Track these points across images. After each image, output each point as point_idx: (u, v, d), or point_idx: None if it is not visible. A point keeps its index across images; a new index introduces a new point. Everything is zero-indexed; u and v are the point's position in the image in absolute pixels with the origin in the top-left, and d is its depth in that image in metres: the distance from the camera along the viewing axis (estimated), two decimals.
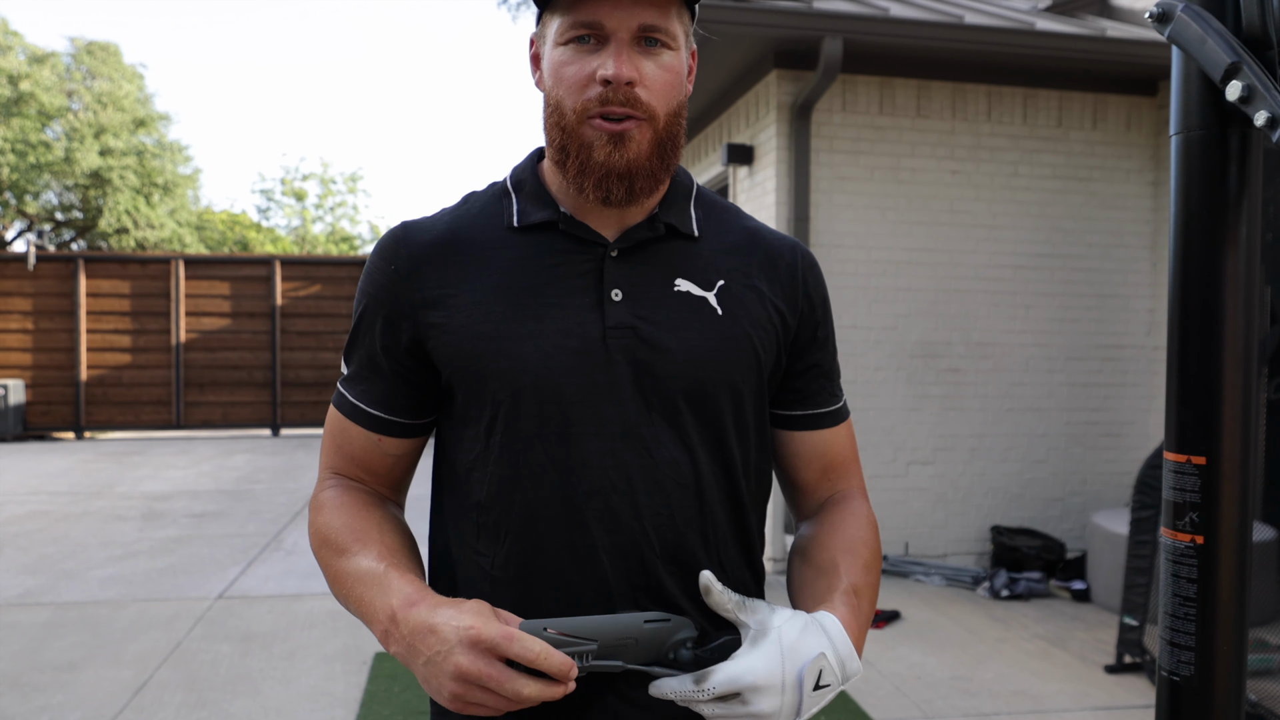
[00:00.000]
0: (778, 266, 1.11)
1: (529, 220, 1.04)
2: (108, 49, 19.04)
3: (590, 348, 1.00)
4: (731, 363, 1.03)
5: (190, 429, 12.06)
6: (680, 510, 1.01)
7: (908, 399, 5.45)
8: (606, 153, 0.97)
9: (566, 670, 0.85)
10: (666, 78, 0.99)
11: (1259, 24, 0.80)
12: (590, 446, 0.99)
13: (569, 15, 0.96)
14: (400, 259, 1.04)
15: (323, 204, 28.08)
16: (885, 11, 5.03)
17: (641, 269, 1.04)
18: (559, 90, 0.99)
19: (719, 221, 1.11)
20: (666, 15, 0.97)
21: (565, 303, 1.01)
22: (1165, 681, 0.88)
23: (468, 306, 1.01)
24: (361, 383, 1.07)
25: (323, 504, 1.06)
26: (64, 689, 3.67)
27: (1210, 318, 0.84)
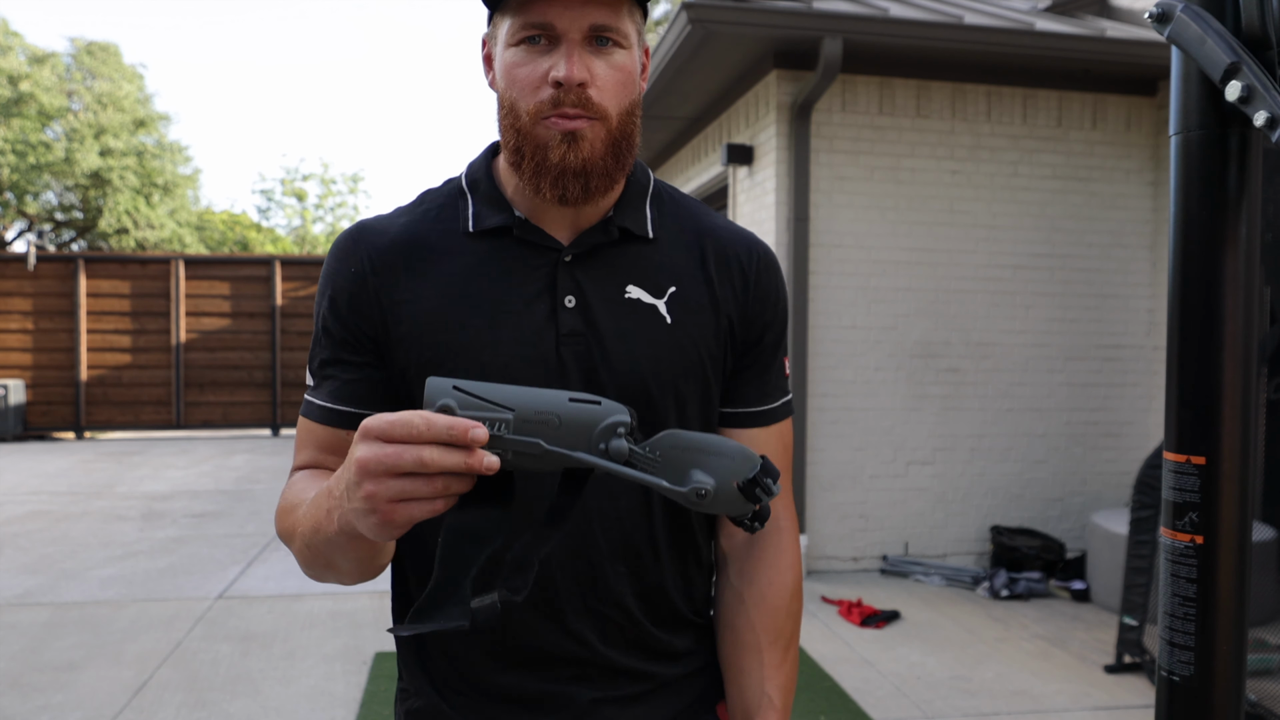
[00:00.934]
0: (730, 266, 1.10)
1: (484, 225, 1.04)
2: (108, 49, 19.05)
3: (544, 356, 1.01)
4: (677, 371, 1.04)
5: (190, 429, 12.06)
6: (627, 513, 1.03)
7: (908, 399, 5.45)
8: (561, 153, 0.97)
9: (464, 433, 0.72)
10: (619, 77, 0.98)
11: (1259, 24, 0.80)
12: None
13: (520, 16, 0.96)
14: (359, 261, 1.04)
15: (323, 204, 28.09)
16: (885, 11, 5.03)
17: (594, 274, 1.04)
18: (512, 92, 0.99)
19: (675, 220, 1.11)
20: (618, 14, 0.97)
21: (520, 310, 1.02)
22: (1165, 681, 0.88)
23: (425, 312, 1.02)
24: (329, 383, 1.05)
25: (285, 490, 1.04)
26: (64, 689, 3.67)
27: (1210, 318, 0.84)
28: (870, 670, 3.92)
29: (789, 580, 1.11)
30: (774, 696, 1.07)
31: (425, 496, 0.74)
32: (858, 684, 3.77)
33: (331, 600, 4.88)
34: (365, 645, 4.19)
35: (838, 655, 4.08)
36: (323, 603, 4.84)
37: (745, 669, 1.09)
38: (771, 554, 1.12)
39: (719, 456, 0.80)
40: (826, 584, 5.14)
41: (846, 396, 5.38)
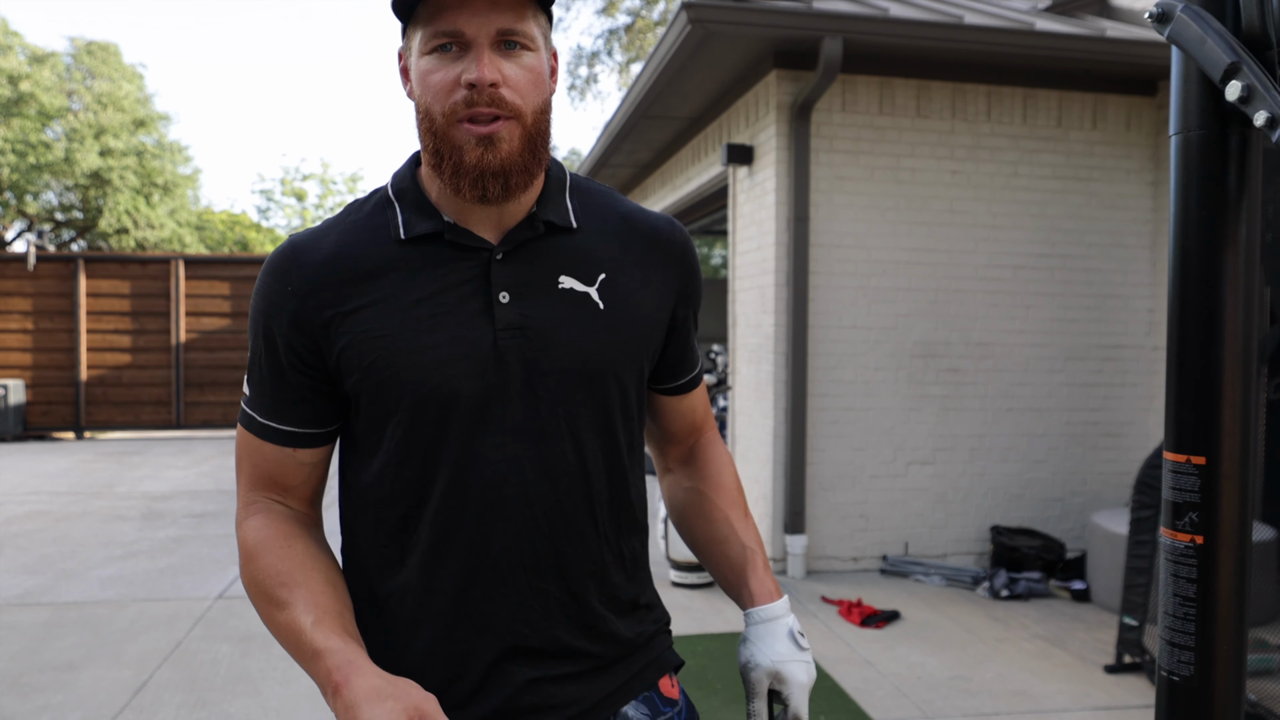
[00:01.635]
0: (656, 248, 1.17)
1: (415, 232, 1.08)
2: (108, 49, 19.04)
3: (482, 352, 1.06)
4: (614, 355, 1.11)
5: (190, 429, 12.06)
6: (568, 495, 1.09)
7: (908, 399, 5.44)
8: (478, 155, 1.02)
9: None
10: (528, 77, 1.03)
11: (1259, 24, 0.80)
12: (485, 443, 1.07)
13: (430, 26, 1.01)
14: (294, 279, 1.08)
15: (323, 204, 28.08)
16: (885, 11, 5.03)
17: (526, 269, 1.09)
18: (427, 98, 1.03)
19: (596, 209, 1.16)
20: (523, 18, 1.02)
21: (456, 310, 1.06)
22: (1165, 681, 0.88)
23: (364, 321, 1.06)
24: (268, 400, 1.11)
25: (249, 548, 1.09)
26: (64, 689, 3.67)
27: (1210, 318, 0.85)
28: (870, 670, 3.92)
29: (732, 470, 1.31)
30: (751, 545, 1.24)
31: None
32: (858, 684, 3.77)
33: None
34: None
35: (838, 655, 4.08)
36: None
37: (724, 538, 1.25)
38: (712, 454, 1.31)
39: None
40: (826, 584, 5.14)
41: (846, 396, 5.38)
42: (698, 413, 1.32)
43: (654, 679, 1.19)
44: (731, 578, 1.23)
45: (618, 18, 20.66)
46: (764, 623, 1.17)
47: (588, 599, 1.12)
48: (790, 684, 1.13)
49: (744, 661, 1.17)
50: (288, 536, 1.10)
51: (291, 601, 1.03)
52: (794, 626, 1.18)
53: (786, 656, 1.14)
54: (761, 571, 1.21)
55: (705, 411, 1.33)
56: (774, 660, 1.14)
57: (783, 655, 1.14)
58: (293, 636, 1.01)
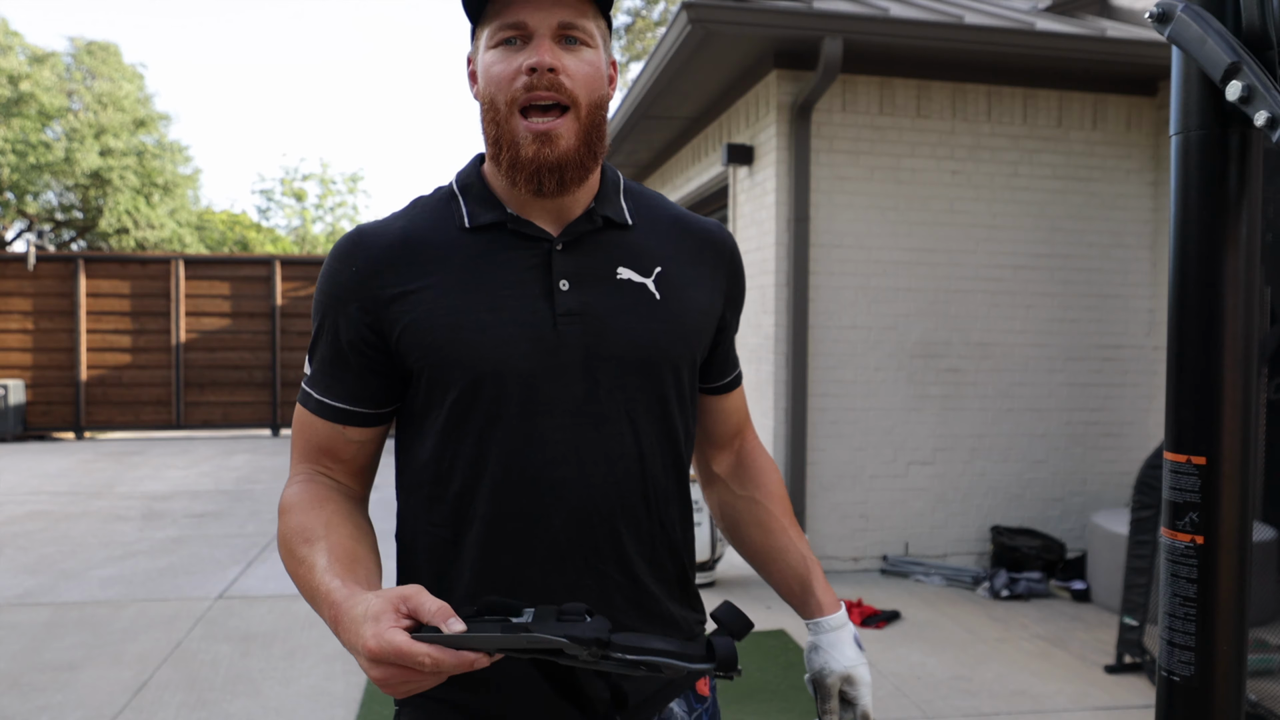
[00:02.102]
0: (708, 250, 1.23)
1: (479, 221, 1.13)
2: (108, 49, 19.04)
3: (543, 334, 1.09)
4: (670, 343, 1.15)
5: (190, 429, 12.06)
6: (625, 477, 1.13)
7: (908, 399, 5.44)
8: (534, 150, 1.06)
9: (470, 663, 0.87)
10: (587, 70, 1.08)
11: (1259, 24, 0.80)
12: (544, 423, 1.10)
13: (496, 20, 1.08)
14: (359, 260, 1.12)
15: (323, 204, 28.08)
16: (885, 11, 5.03)
17: (585, 260, 1.13)
18: (490, 88, 1.09)
19: (649, 210, 1.22)
20: (583, 14, 1.08)
21: (518, 294, 1.10)
22: (1165, 681, 0.88)
23: (428, 301, 1.09)
24: (326, 379, 1.14)
25: (285, 506, 1.12)
26: (64, 689, 3.67)
27: (1210, 318, 0.84)
28: (870, 670, 3.92)
29: (779, 478, 1.36)
30: (809, 555, 1.31)
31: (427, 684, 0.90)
32: None
33: None
34: None
35: None
36: None
37: (784, 548, 1.30)
38: (760, 463, 1.35)
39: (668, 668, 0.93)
40: None
41: (847, 396, 5.38)
42: (740, 414, 1.36)
43: (695, 675, 1.22)
44: (795, 588, 1.29)
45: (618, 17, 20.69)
46: (832, 631, 1.25)
47: (643, 579, 1.15)
48: (859, 685, 1.22)
49: (818, 668, 1.23)
50: (321, 499, 1.12)
51: (311, 555, 1.04)
52: (855, 632, 1.26)
53: (855, 660, 1.23)
54: (823, 583, 1.28)
55: (745, 415, 1.37)
56: (845, 665, 1.22)
57: (852, 660, 1.23)
58: (307, 585, 1.03)
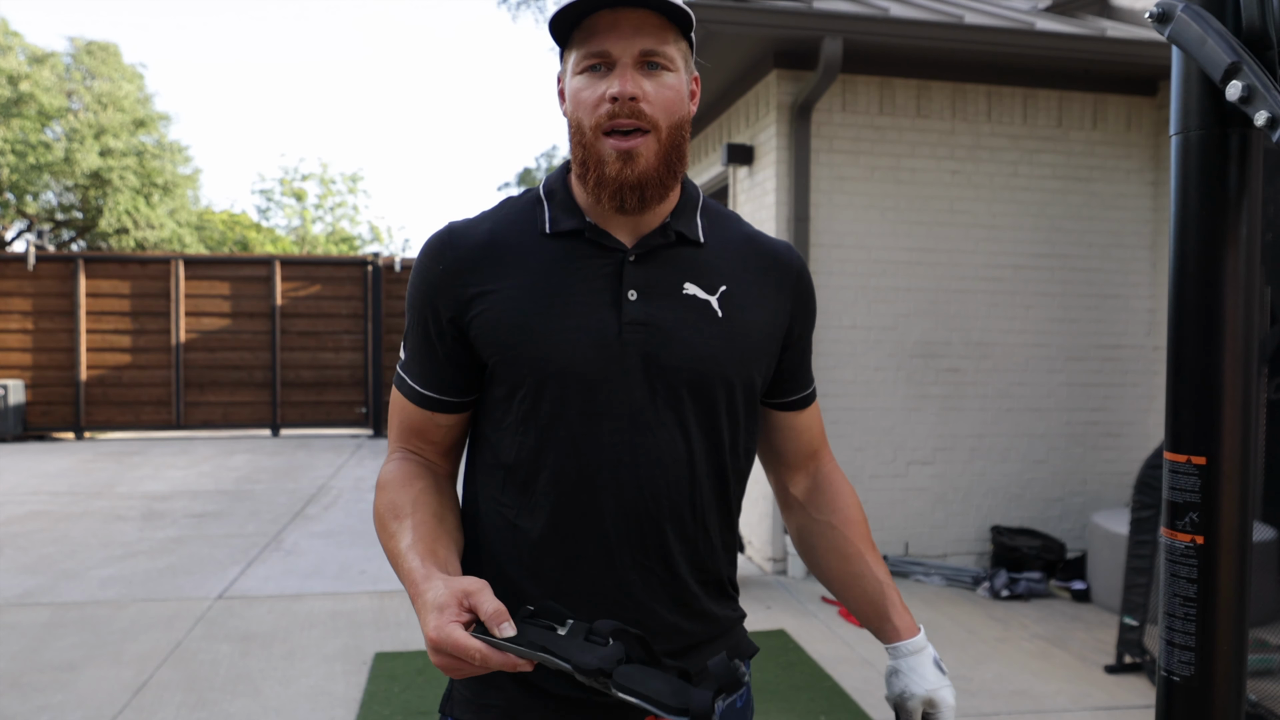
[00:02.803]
0: (775, 271, 1.27)
1: (559, 228, 1.20)
2: (108, 49, 19.03)
3: (607, 341, 1.16)
4: (727, 359, 1.20)
5: (190, 429, 12.05)
6: (674, 482, 1.18)
7: (908, 399, 5.44)
8: (618, 169, 1.13)
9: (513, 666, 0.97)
10: (668, 94, 1.15)
11: (1259, 24, 0.80)
12: (603, 426, 1.17)
13: (582, 48, 1.14)
14: (447, 259, 1.20)
15: (322, 204, 28.08)
16: (885, 11, 5.03)
17: (655, 273, 1.19)
18: (578, 112, 1.16)
19: (722, 229, 1.27)
20: (664, 41, 1.14)
21: (588, 301, 1.17)
22: (1165, 681, 0.88)
23: (505, 301, 1.17)
24: (416, 367, 1.24)
25: (382, 482, 1.23)
26: (64, 689, 3.67)
27: (1210, 318, 0.84)
28: (870, 670, 3.92)
29: (857, 502, 1.37)
30: (886, 579, 1.31)
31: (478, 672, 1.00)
32: (858, 684, 3.77)
33: (331, 600, 4.88)
34: (365, 645, 4.19)
35: (838, 655, 4.08)
36: (323, 603, 4.84)
37: (860, 574, 1.31)
38: (838, 487, 1.37)
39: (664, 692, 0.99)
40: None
41: (846, 396, 5.38)
42: (813, 433, 1.38)
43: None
44: (871, 613, 1.31)
45: None
46: (912, 655, 1.26)
47: (685, 579, 1.21)
48: (942, 708, 1.24)
49: (899, 692, 1.26)
50: (412, 477, 1.22)
51: (399, 530, 1.14)
52: (935, 655, 1.28)
53: (937, 684, 1.24)
54: (901, 607, 1.29)
55: (820, 434, 1.40)
56: (928, 689, 1.24)
57: (934, 683, 1.24)
58: (394, 556, 1.12)
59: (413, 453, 1.27)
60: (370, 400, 12.22)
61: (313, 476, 8.90)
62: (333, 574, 5.38)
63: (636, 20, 1.12)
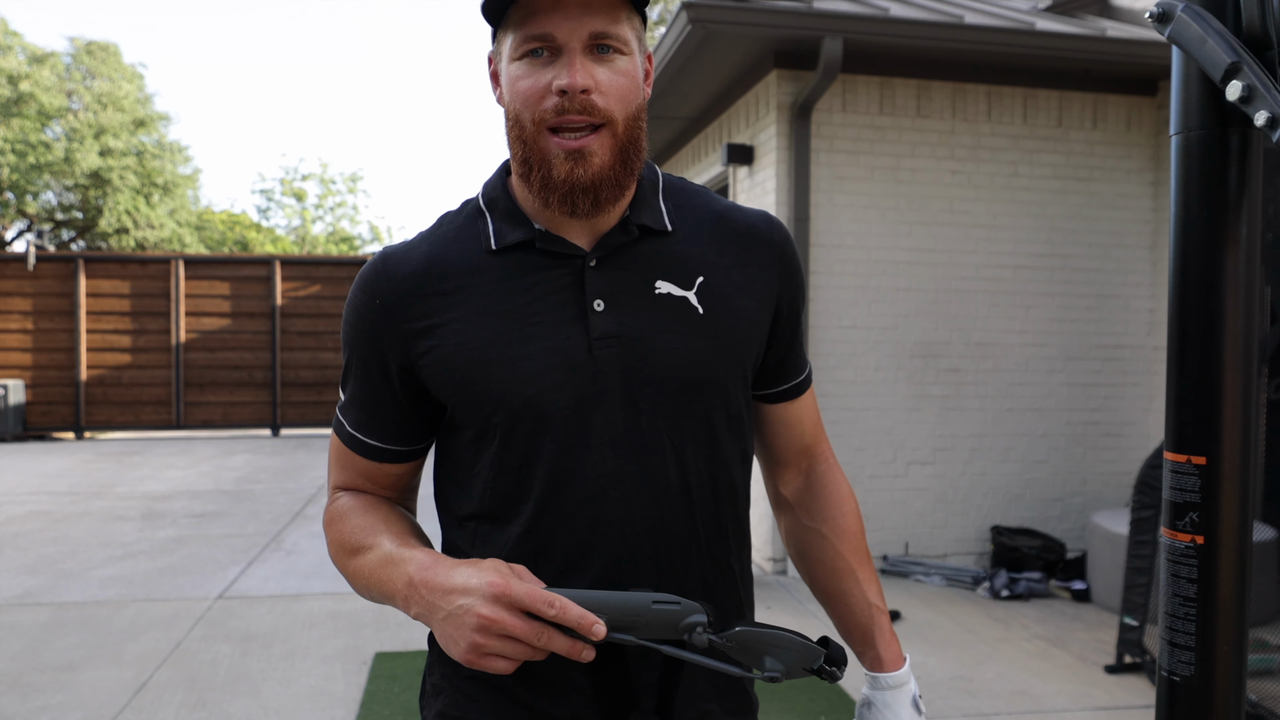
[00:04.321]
0: (754, 245, 1.13)
1: (506, 241, 1.06)
2: (107, 49, 19.04)
3: (577, 362, 1.03)
4: (717, 361, 1.07)
5: (190, 429, 12.06)
6: (669, 510, 1.05)
7: (908, 399, 5.44)
8: (567, 169, 0.99)
9: (590, 626, 0.90)
10: (622, 82, 1.00)
11: (1259, 24, 0.80)
12: (582, 457, 1.03)
13: (521, 30, 0.98)
14: (383, 293, 1.06)
15: (323, 204, 28.09)
16: (885, 11, 5.03)
17: (621, 275, 1.05)
18: (517, 104, 1.01)
19: (689, 209, 1.12)
20: (616, 21, 0.99)
21: (549, 319, 1.03)
22: (1165, 681, 0.88)
23: (455, 334, 1.04)
24: (357, 412, 1.11)
25: (333, 517, 1.11)
26: (64, 689, 3.67)
27: (1210, 318, 0.84)
28: None
29: (854, 507, 1.23)
30: (877, 602, 1.18)
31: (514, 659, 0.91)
32: (858, 684, 3.77)
33: (331, 600, 4.88)
34: (365, 645, 4.19)
35: None
36: (323, 603, 4.84)
37: (848, 590, 1.19)
38: (832, 490, 1.22)
39: (788, 650, 0.96)
40: None
41: (847, 397, 5.38)
42: (805, 426, 1.23)
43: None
44: (857, 635, 1.18)
45: None
46: (892, 690, 1.14)
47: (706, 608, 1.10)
48: None
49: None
50: (373, 505, 1.11)
51: (374, 543, 1.04)
52: (915, 692, 1.15)
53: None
54: (889, 635, 1.17)
55: (815, 427, 1.25)
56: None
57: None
58: (372, 564, 1.02)
59: (361, 491, 1.14)
60: None
61: (313, 476, 8.90)
62: (333, 574, 5.38)
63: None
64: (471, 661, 0.92)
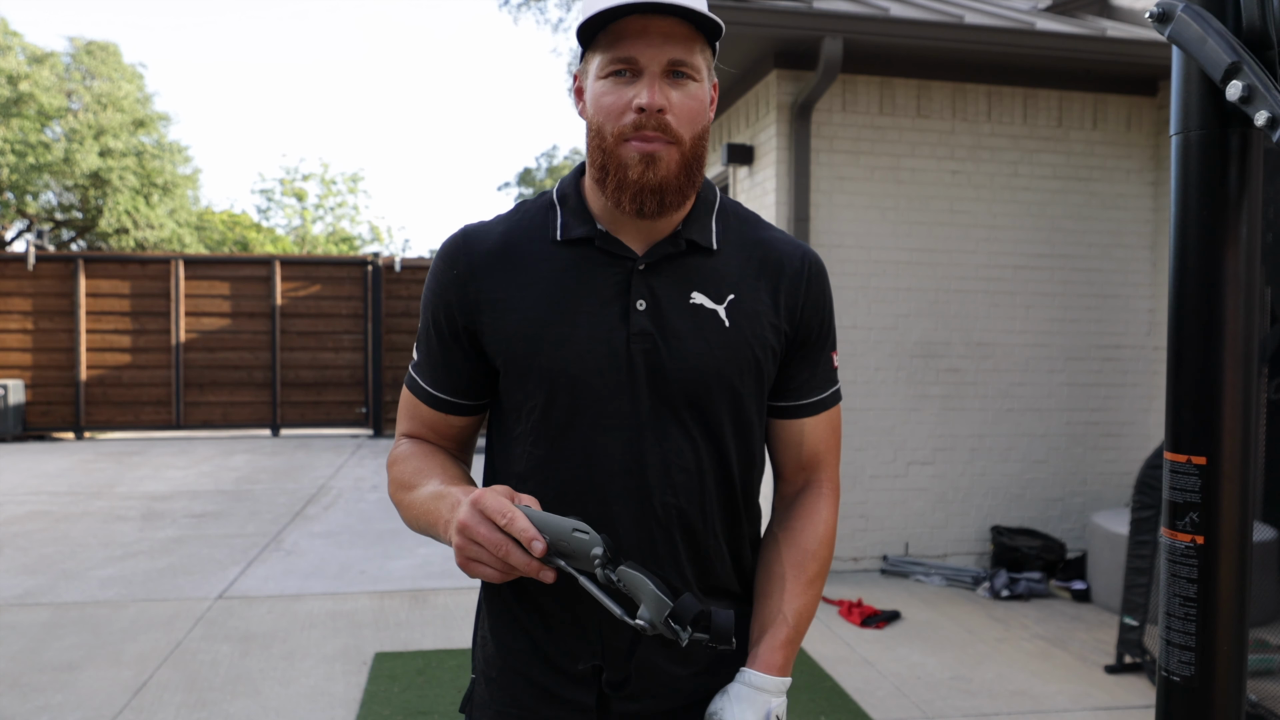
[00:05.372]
0: (783, 276, 1.25)
1: (570, 235, 1.21)
2: (107, 49, 19.03)
3: (615, 351, 1.17)
4: (733, 370, 1.19)
5: (190, 429, 12.05)
6: (683, 490, 1.19)
7: (908, 399, 5.44)
8: (640, 171, 1.12)
9: (529, 540, 1.01)
10: (692, 105, 1.14)
11: (1259, 24, 0.80)
12: (612, 435, 1.18)
13: (609, 52, 1.12)
14: (461, 264, 1.22)
15: (323, 204, 28.08)
16: (885, 11, 5.03)
17: (663, 281, 1.19)
18: (600, 117, 1.14)
19: (737, 232, 1.26)
20: (691, 51, 1.13)
21: (597, 310, 1.18)
22: (1165, 681, 0.88)
23: (516, 310, 1.19)
24: (429, 369, 1.27)
25: (396, 458, 1.27)
26: (64, 689, 3.67)
27: (1210, 318, 0.84)
28: (870, 670, 3.92)
29: (820, 530, 1.26)
30: (788, 614, 1.20)
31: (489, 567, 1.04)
32: (858, 684, 3.77)
33: (331, 600, 4.88)
34: (365, 645, 4.19)
35: (838, 655, 4.08)
36: (323, 603, 4.84)
37: (769, 594, 1.23)
38: (809, 508, 1.28)
39: (647, 600, 1.03)
40: (827, 584, 5.13)
41: (847, 397, 5.38)
42: (805, 449, 1.29)
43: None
44: (755, 635, 1.20)
45: None
46: (751, 688, 1.14)
47: (694, 587, 1.21)
48: None
49: (712, 711, 1.14)
50: (432, 451, 1.27)
51: (426, 482, 1.19)
52: (774, 708, 1.12)
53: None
54: (780, 642, 1.17)
55: (816, 451, 1.30)
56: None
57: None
58: (423, 497, 1.17)
59: (425, 440, 1.29)
60: (370, 400, 12.21)
61: (313, 476, 8.90)
62: (333, 574, 5.38)
63: (666, 28, 1.11)
64: (463, 566, 1.05)
